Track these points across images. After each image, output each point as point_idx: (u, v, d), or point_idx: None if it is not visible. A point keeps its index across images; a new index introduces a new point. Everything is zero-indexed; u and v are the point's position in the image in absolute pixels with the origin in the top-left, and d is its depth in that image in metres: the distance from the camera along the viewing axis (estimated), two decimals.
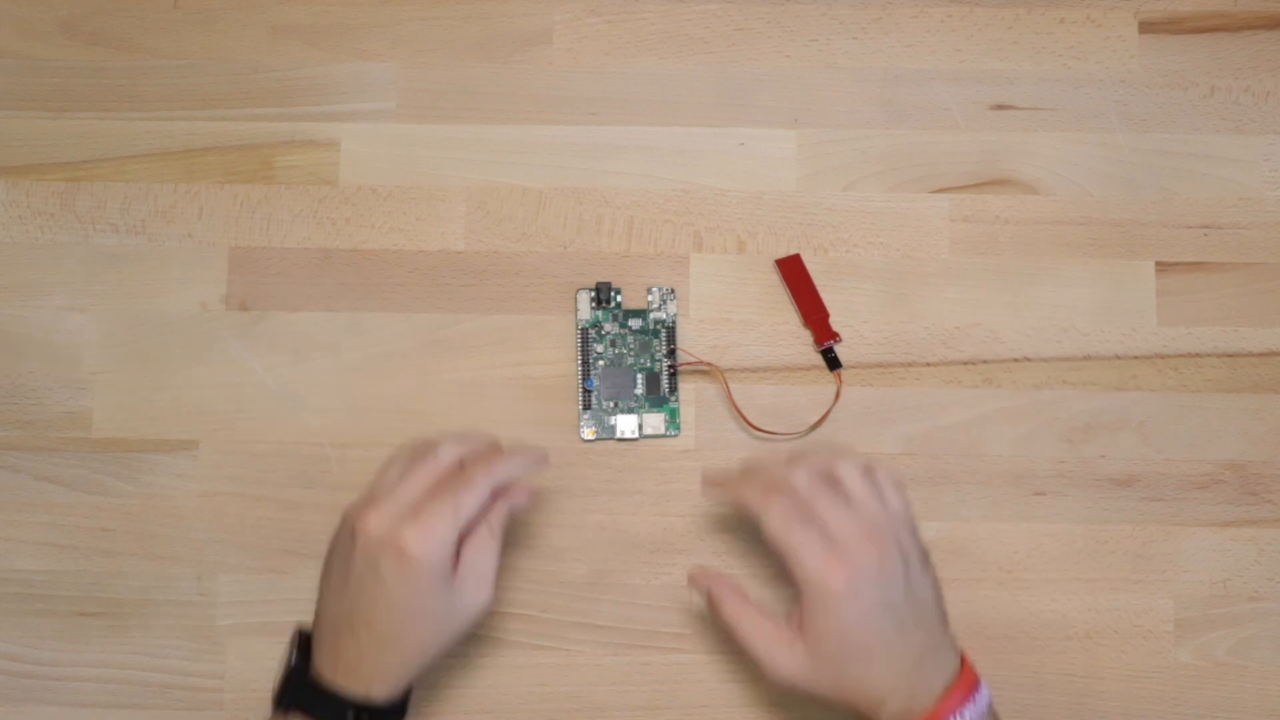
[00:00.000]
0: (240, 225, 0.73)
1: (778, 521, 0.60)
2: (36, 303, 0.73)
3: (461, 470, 0.62)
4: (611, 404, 0.71)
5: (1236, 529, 0.69)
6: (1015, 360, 0.71)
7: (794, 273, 0.72)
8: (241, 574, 0.69)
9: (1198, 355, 0.71)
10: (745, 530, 0.69)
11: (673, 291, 0.72)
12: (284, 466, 0.70)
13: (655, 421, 0.70)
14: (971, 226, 0.72)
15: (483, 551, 0.61)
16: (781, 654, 0.60)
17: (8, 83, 0.75)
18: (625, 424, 0.70)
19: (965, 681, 0.59)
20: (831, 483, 0.62)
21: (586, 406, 0.71)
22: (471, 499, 0.60)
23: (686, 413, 0.71)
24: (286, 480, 0.70)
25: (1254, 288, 0.71)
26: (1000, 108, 0.73)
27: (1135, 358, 0.71)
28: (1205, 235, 0.72)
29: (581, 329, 0.71)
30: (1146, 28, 0.74)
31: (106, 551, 0.70)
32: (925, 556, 0.62)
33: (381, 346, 0.72)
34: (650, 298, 0.72)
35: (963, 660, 0.60)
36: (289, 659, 0.62)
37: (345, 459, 0.70)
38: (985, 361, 0.71)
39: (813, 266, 0.72)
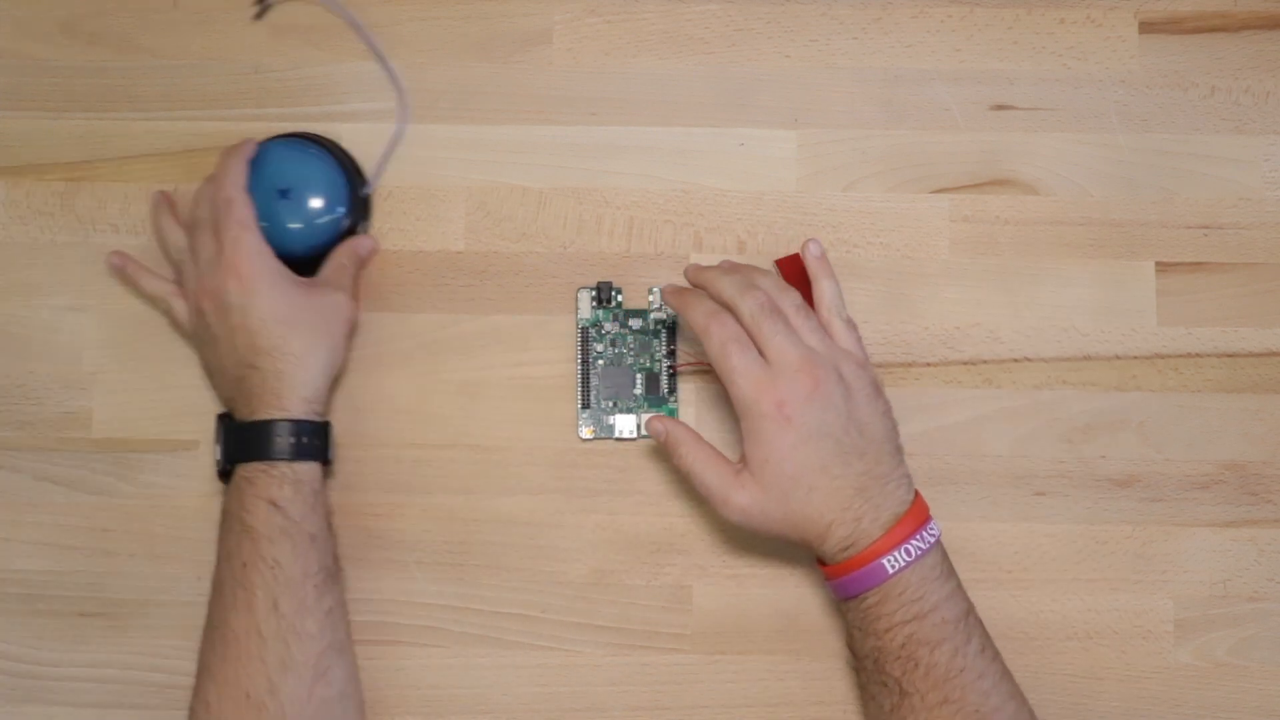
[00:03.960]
0: None
1: (716, 345, 0.62)
2: (36, 303, 0.73)
3: (212, 190, 0.68)
4: (610, 404, 0.71)
5: (1236, 529, 0.69)
6: (1015, 360, 0.71)
7: (794, 272, 0.71)
8: None
9: (1198, 355, 0.71)
10: (745, 531, 0.69)
11: None
12: None
13: None
14: (971, 226, 0.72)
15: (339, 272, 0.69)
16: (734, 490, 0.62)
17: (8, 83, 0.75)
18: (624, 424, 0.70)
19: (915, 515, 0.60)
20: (776, 312, 0.63)
21: (585, 406, 0.71)
22: (242, 213, 0.66)
23: (686, 413, 0.71)
24: None
25: (1254, 288, 0.71)
26: (1000, 108, 0.73)
27: (1135, 358, 0.71)
28: (1205, 235, 0.72)
29: (582, 328, 0.71)
30: (1146, 28, 0.74)
31: (106, 551, 0.70)
32: (876, 391, 0.63)
33: (381, 346, 0.72)
34: (651, 298, 0.72)
35: (916, 496, 0.62)
36: (218, 431, 0.66)
37: (345, 459, 0.70)
38: (985, 361, 0.71)
39: None
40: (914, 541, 0.60)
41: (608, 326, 0.71)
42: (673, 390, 0.71)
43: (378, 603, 0.69)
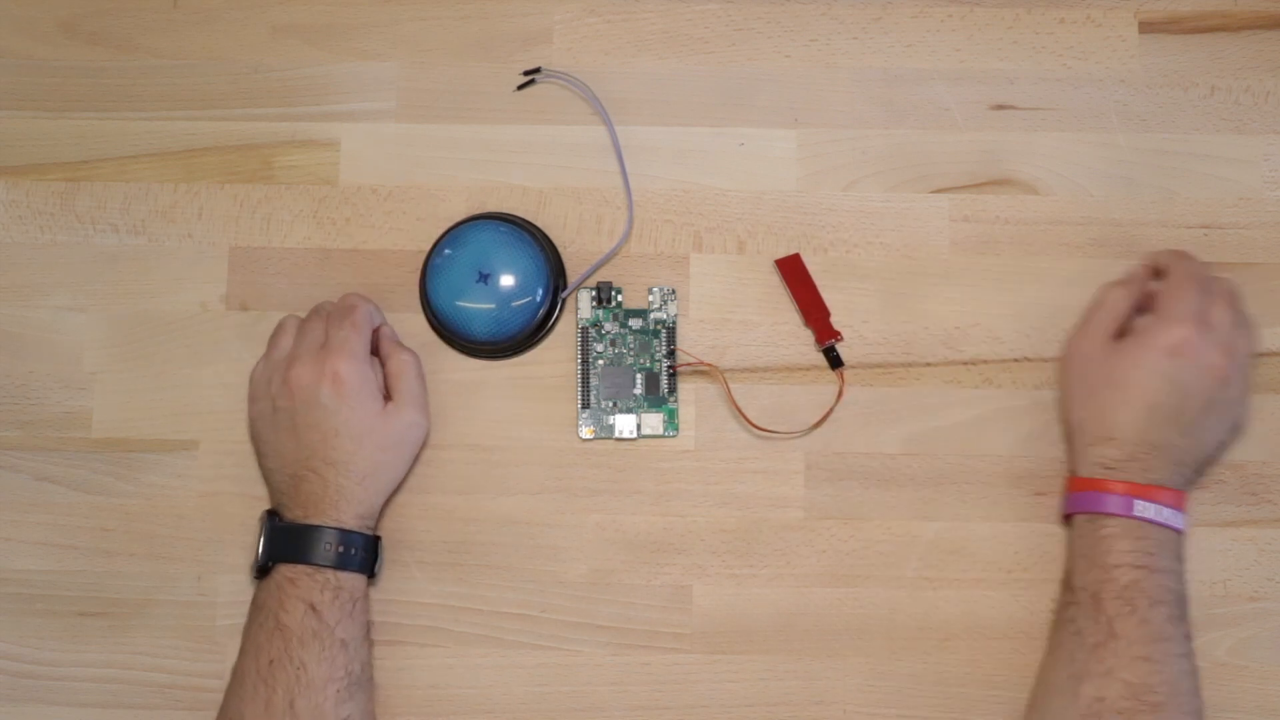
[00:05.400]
0: (240, 225, 0.73)
1: (1184, 271, 0.66)
2: (36, 303, 0.73)
3: (338, 312, 0.69)
4: (610, 404, 0.71)
5: (1236, 529, 0.69)
6: (1015, 360, 0.71)
7: (794, 272, 0.72)
8: (241, 574, 0.69)
9: None
10: (746, 531, 0.70)
11: (674, 292, 0.72)
12: None
13: (654, 422, 0.70)
14: (971, 226, 0.72)
15: (407, 379, 0.68)
16: (1098, 340, 0.67)
17: (8, 83, 0.75)
18: (624, 424, 0.70)
19: (1177, 498, 0.64)
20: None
21: (585, 406, 0.71)
22: (362, 318, 0.67)
23: (686, 413, 0.71)
24: None
25: (1254, 288, 0.71)
26: (1000, 108, 0.73)
27: None
28: (1205, 235, 0.72)
29: (582, 328, 0.71)
30: (1146, 28, 0.74)
31: (106, 551, 0.70)
32: (1235, 427, 0.68)
33: None
34: (651, 298, 0.72)
35: (1185, 498, 0.65)
36: (261, 529, 0.65)
37: None
38: (985, 361, 0.71)
39: (813, 266, 0.72)
40: (1167, 509, 0.63)
41: (608, 326, 0.71)
42: (673, 390, 0.71)
43: (378, 603, 0.69)
